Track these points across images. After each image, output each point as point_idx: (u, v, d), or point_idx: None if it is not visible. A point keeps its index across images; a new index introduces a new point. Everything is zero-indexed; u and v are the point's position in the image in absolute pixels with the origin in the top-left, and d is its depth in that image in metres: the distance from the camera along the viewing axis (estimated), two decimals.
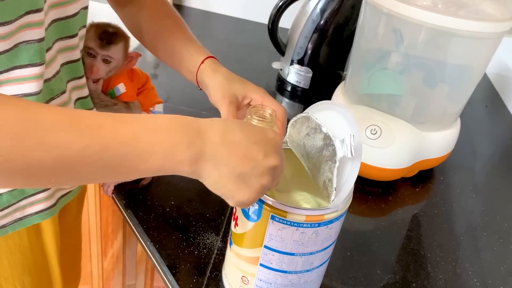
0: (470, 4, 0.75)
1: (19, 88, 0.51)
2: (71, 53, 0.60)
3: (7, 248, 0.60)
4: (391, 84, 0.86)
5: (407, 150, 0.81)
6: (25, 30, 0.48)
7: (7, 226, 0.58)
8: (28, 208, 0.60)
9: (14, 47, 0.48)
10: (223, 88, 0.61)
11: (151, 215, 0.69)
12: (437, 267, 0.69)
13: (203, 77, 0.64)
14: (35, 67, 0.51)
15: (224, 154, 0.41)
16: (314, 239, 0.50)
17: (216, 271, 0.62)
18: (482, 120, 1.18)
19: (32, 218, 0.61)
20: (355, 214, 0.78)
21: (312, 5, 1.05)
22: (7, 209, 0.57)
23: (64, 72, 0.59)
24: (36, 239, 0.64)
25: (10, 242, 0.60)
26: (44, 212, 0.61)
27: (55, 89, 0.57)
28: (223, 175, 0.41)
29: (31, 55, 0.50)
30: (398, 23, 0.78)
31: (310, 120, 0.51)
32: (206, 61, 0.65)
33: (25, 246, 0.62)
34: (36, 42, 0.50)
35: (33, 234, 0.63)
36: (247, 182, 0.42)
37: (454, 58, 0.81)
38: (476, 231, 0.78)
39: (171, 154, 0.39)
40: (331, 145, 0.48)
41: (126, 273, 1.09)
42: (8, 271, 0.61)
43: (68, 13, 0.56)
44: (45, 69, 0.54)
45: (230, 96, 0.61)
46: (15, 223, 0.59)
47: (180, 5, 1.54)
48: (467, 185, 0.90)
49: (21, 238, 0.61)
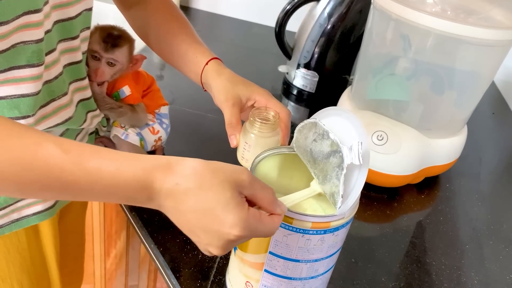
0: (480, 11, 0.75)
1: (17, 88, 0.50)
2: (73, 54, 0.60)
3: (5, 249, 0.60)
4: (398, 90, 0.86)
5: (413, 156, 0.81)
6: (23, 30, 0.48)
7: (4, 227, 0.58)
8: (26, 209, 0.60)
9: (12, 47, 0.48)
10: (227, 90, 0.61)
11: (155, 218, 0.69)
12: (442, 275, 0.69)
13: (208, 79, 0.64)
14: (33, 68, 0.50)
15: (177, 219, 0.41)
16: (320, 246, 0.49)
17: (220, 275, 0.62)
18: (488, 127, 1.17)
19: (29, 219, 0.61)
20: (360, 220, 0.77)
21: (320, 9, 1.04)
22: (4, 210, 0.57)
23: (66, 73, 0.59)
24: (34, 240, 0.63)
25: (8, 243, 0.60)
26: (42, 213, 0.61)
27: (56, 90, 0.57)
28: (182, 227, 0.41)
29: (29, 56, 0.50)
30: (407, 29, 0.78)
31: (317, 126, 0.51)
32: (210, 63, 0.65)
33: (23, 247, 0.62)
34: (34, 43, 0.49)
35: (32, 235, 0.63)
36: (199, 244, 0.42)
37: (462, 65, 0.81)
38: (482, 239, 0.78)
39: (131, 201, 0.40)
40: (339, 151, 0.47)
41: (129, 274, 1.09)
42: (6, 272, 0.61)
43: (70, 14, 0.56)
44: (48, 70, 0.54)
45: (233, 98, 0.60)
46: (12, 224, 0.59)
47: (187, 7, 1.54)
48: (473, 192, 0.89)
49: (19, 239, 0.61)
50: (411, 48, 0.80)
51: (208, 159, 0.41)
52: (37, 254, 0.65)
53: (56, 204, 0.64)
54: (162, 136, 0.79)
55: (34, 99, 0.52)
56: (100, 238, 1.08)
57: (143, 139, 0.76)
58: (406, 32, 0.79)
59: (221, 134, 0.89)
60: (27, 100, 0.51)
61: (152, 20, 0.70)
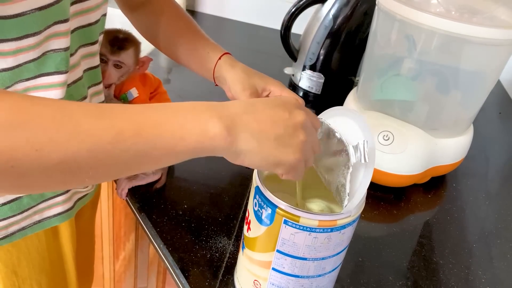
0: (484, 11, 0.75)
1: (45, 94, 0.52)
2: (92, 59, 0.61)
3: (26, 250, 0.61)
4: (403, 90, 0.86)
5: (420, 156, 0.81)
6: (52, 39, 0.50)
7: (27, 229, 0.59)
8: (47, 211, 0.61)
9: (42, 55, 0.50)
10: (243, 81, 0.63)
11: (164, 218, 0.70)
12: (449, 274, 0.69)
13: (222, 72, 0.66)
14: (60, 74, 0.52)
15: (253, 122, 0.41)
16: (327, 244, 0.50)
17: (228, 274, 0.62)
18: (495, 127, 1.17)
19: (50, 220, 0.62)
20: (367, 220, 0.78)
21: (325, 11, 1.05)
22: (27, 212, 0.58)
23: (86, 78, 0.60)
24: (53, 241, 0.65)
25: (29, 244, 0.61)
26: (62, 215, 0.63)
27: (74, 94, 0.58)
28: (263, 143, 0.42)
29: (58, 63, 0.51)
30: (411, 29, 0.78)
31: (323, 125, 0.52)
32: (223, 57, 0.67)
33: (43, 248, 0.63)
34: (62, 50, 0.51)
35: (51, 236, 0.64)
36: (287, 142, 0.43)
37: (468, 65, 0.81)
38: (489, 239, 0.78)
39: (204, 130, 0.39)
40: (345, 150, 0.48)
41: (137, 276, 1.10)
42: (26, 272, 0.62)
43: (91, 20, 0.57)
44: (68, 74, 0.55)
45: (250, 88, 0.62)
46: (34, 226, 0.60)
47: (193, 11, 1.56)
48: (480, 192, 0.89)
49: (39, 240, 0.62)
50: (416, 49, 0.80)
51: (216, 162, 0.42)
52: (56, 255, 0.66)
53: (75, 205, 0.65)
54: None
55: None
56: (109, 240, 1.09)
57: None
58: (410, 32, 0.79)
59: None
60: None
61: (158, 20, 0.72)
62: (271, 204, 0.49)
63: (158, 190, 0.75)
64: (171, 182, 0.77)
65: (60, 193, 0.61)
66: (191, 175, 0.80)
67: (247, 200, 0.76)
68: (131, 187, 0.74)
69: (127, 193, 0.74)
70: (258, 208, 0.51)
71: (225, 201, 0.75)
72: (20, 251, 0.61)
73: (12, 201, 0.56)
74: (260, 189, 0.50)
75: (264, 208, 0.50)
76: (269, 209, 0.49)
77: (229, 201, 0.75)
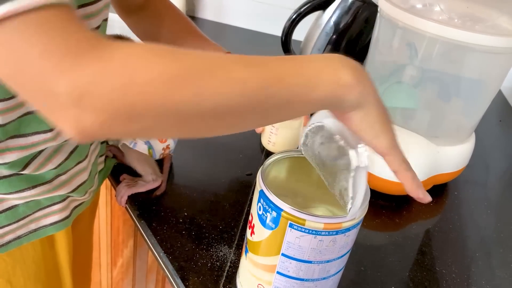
0: (487, 19, 0.75)
1: None
2: None
3: (21, 259, 0.60)
4: (405, 97, 0.86)
5: (421, 164, 0.80)
6: None
7: (22, 238, 0.59)
8: (43, 220, 0.60)
9: None
10: None
11: (164, 226, 0.69)
12: (452, 284, 0.68)
13: None
14: None
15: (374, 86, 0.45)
16: (332, 247, 0.50)
17: (230, 284, 0.61)
18: (496, 135, 1.17)
19: (46, 229, 0.61)
20: (369, 229, 0.77)
21: (326, 18, 1.05)
22: (23, 220, 0.57)
23: None
24: (49, 250, 0.64)
25: (24, 253, 0.60)
26: (58, 223, 0.62)
27: None
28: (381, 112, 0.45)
29: None
30: (413, 37, 0.78)
31: (324, 129, 0.51)
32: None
33: (39, 257, 0.62)
34: None
35: (47, 245, 0.63)
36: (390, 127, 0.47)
37: (470, 73, 0.81)
38: (491, 248, 0.77)
39: (337, 78, 0.42)
40: (346, 154, 0.48)
41: (136, 283, 1.08)
42: (21, 282, 0.61)
43: (92, 26, 0.57)
44: None
45: None
46: (30, 234, 0.59)
47: (193, 17, 1.56)
48: (482, 200, 0.89)
49: (35, 249, 0.61)
50: (417, 56, 0.80)
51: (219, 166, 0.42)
52: (52, 264, 0.65)
53: (72, 214, 0.64)
54: (170, 145, 0.79)
55: None
56: (107, 247, 1.08)
57: (152, 148, 0.76)
58: (413, 40, 0.79)
59: (231, 142, 0.90)
60: None
61: (158, 23, 0.71)
62: (276, 208, 0.49)
63: (158, 197, 0.75)
64: (171, 189, 0.77)
65: (57, 201, 0.60)
66: (191, 182, 0.79)
67: (248, 208, 0.75)
68: (131, 194, 0.73)
69: (126, 200, 0.73)
70: (262, 212, 0.50)
71: (226, 209, 0.75)
72: (15, 261, 0.60)
73: (7, 209, 0.55)
74: (265, 192, 0.50)
75: (269, 212, 0.49)
76: (274, 213, 0.49)
77: (229, 209, 0.75)
